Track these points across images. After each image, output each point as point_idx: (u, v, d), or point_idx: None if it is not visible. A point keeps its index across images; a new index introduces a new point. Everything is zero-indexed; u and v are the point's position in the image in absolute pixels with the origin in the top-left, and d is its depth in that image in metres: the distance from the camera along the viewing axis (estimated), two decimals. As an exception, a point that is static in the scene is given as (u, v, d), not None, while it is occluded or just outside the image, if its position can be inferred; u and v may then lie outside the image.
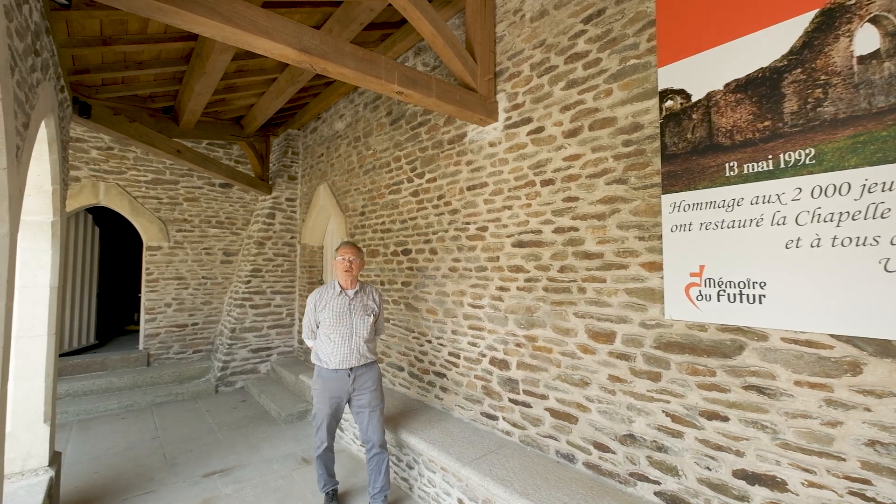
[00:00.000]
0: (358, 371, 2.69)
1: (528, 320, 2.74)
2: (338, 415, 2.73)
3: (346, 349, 2.65)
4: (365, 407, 2.69)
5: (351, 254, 2.76)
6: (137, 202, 5.61)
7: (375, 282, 4.34)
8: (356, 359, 2.67)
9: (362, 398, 2.69)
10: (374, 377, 2.75)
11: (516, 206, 2.86)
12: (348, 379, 2.66)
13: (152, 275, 5.75)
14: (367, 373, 2.73)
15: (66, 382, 4.85)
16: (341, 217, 5.01)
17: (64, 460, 3.58)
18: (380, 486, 2.69)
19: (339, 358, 2.63)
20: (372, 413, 2.70)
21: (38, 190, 2.39)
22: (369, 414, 2.69)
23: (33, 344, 2.49)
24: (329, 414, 2.67)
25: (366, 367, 2.74)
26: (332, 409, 2.68)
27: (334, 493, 2.86)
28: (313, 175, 5.77)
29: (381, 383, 2.84)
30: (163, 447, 3.86)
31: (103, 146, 5.39)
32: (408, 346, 3.85)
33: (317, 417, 2.71)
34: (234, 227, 6.40)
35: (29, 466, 2.47)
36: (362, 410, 2.70)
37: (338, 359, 2.63)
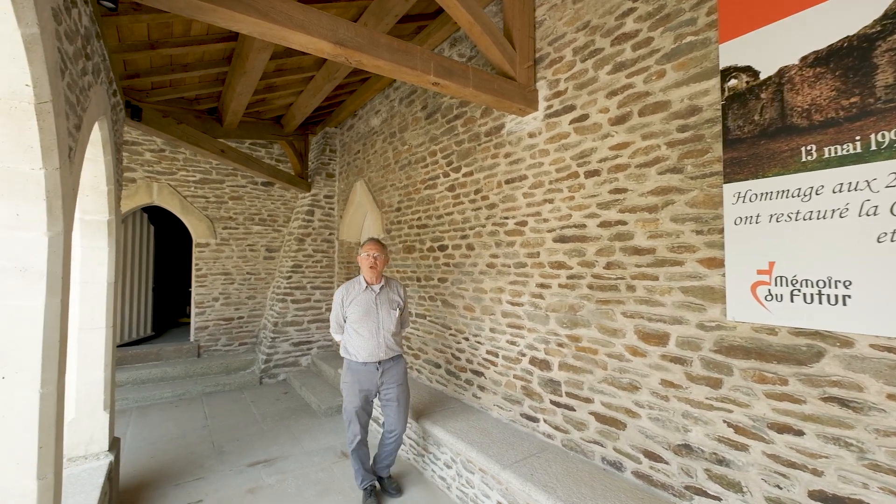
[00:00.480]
0: (386, 364, 2.75)
1: (571, 319, 2.61)
2: (368, 407, 2.78)
3: (374, 343, 2.70)
4: (393, 400, 2.78)
5: (376, 250, 2.79)
6: (187, 201, 5.89)
7: (412, 278, 4.32)
8: (384, 352, 2.73)
9: (391, 392, 2.77)
10: (401, 371, 2.82)
11: (558, 199, 2.72)
12: (377, 372, 2.72)
13: (201, 270, 6.02)
14: (395, 366, 2.80)
15: (125, 371, 5.19)
16: (377, 213, 5.02)
17: (124, 445, 3.81)
18: (390, 461, 2.93)
19: (367, 351, 2.69)
20: (399, 406, 2.79)
21: (95, 190, 2.51)
22: (397, 407, 2.79)
23: (93, 336, 2.64)
24: (359, 406, 2.72)
25: (393, 360, 2.80)
26: (361, 402, 2.73)
27: (373, 489, 2.86)
28: (350, 172, 5.82)
29: (408, 377, 2.91)
30: (211, 435, 4.04)
31: (156, 148, 5.68)
32: (444, 344, 3.80)
33: (347, 411, 2.75)
34: (276, 224, 6.59)
35: (91, 451, 2.62)
36: (390, 403, 2.79)
37: (366, 352, 2.69)
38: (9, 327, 1.33)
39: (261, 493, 3.02)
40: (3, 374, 1.32)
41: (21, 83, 1.17)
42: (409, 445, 3.43)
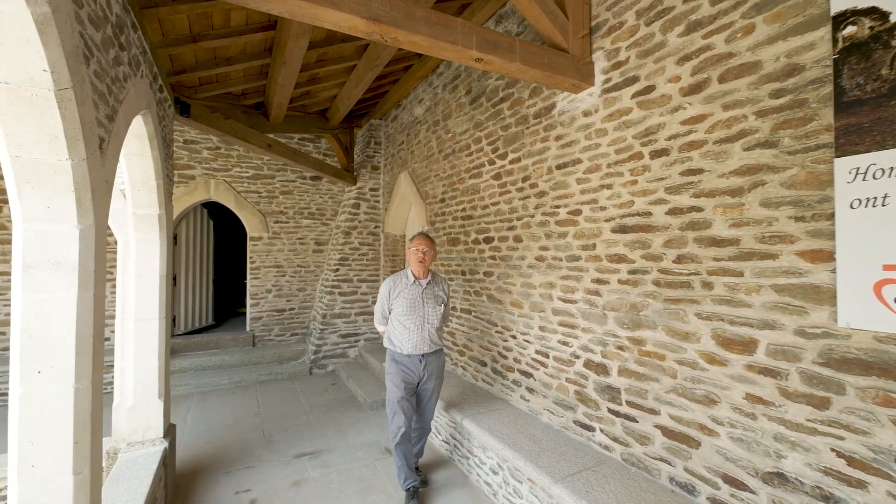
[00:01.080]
0: (428, 357, 2.80)
1: (632, 320, 2.32)
2: (412, 399, 2.80)
3: (419, 336, 2.73)
4: (429, 391, 2.86)
5: (425, 245, 2.80)
6: (241, 196, 6.11)
7: (456, 271, 4.15)
8: (428, 345, 2.77)
9: (429, 383, 2.83)
10: (440, 364, 2.89)
11: (617, 184, 2.42)
12: (420, 364, 2.77)
13: (255, 263, 6.25)
14: (436, 360, 2.85)
15: (188, 358, 5.50)
16: (421, 205, 4.90)
17: (184, 429, 4.01)
18: (417, 451, 2.96)
19: (412, 344, 2.73)
20: (432, 396, 2.88)
21: (145, 185, 2.57)
22: (430, 397, 2.88)
23: (148, 326, 2.73)
24: (403, 397, 2.73)
25: (434, 354, 2.84)
26: (405, 392, 2.75)
27: (415, 491, 2.76)
28: (394, 164, 5.75)
29: (444, 370, 2.99)
30: (263, 424, 4.14)
31: (212, 146, 5.93)
32: (490, 341, 3.60)
33: (391, 402, 2.75)
34: (324, 218, 6.70)
35: (148, 437, 2.73)
36: (425, 393, 2.87)
37: (411, 345, 2.73)
38: (44, 321, 1.31)
39: (305, 486, 3.01)
40: (39, 369, 1.30)
41: (38, 68, 1.11)
42: (453, 445, 3.30)
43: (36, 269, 1.30)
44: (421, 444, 2.99)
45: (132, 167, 2.47)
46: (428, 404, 2.89)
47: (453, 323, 4.20)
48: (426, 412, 2.91)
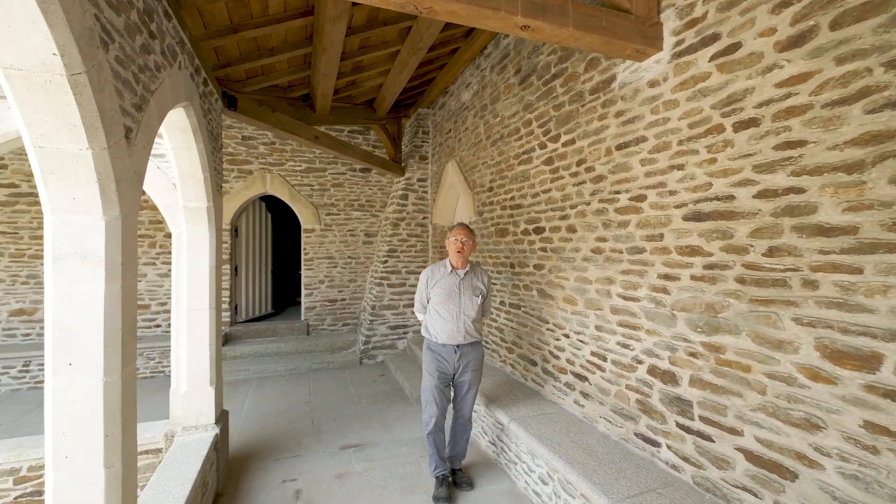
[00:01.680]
0: (464, 349, 2.76)
1: (708, 323, 1.98)
2: (446, 389, 2.79)
3: (454, 326, 2.71)
4: (465, 383, 2.79)
5: (464, 235, 2.77)
6: (295, 189, 6.28)
7: (505, 264, 3.93)
8: (463, 336, 2.73)
9: (465, 375, 2.78)
10: (478, 356, 2.81)
11: (691, 164, 2.07)
12: (455, 354, 2.74)
13: (308, 254, 6.42)
14: (473, 351, 2.79)
15: (248, 345, 5.78)
16: (469, 194, 4.70)
17: (241, 413, 4.19)
18: (459, 451, 2.88)
19: (446, 334, 2.71)
20: (469, 390, 2.80)
21: (193, 178, 2.62)
22: (467, 390, 2.80)
23: (199, 316, 2.81)
24: (436, 386, 2.74)
25: (471, 345, 2.79)
26: (439, 381, 2.74)
27: (445, 478, 2.79)
28: (442, 153, 5.59)
29: (483, 362, 2.91)
30: (312, 412, 4.22)
31: (268, 141, 6.14)
32: (541, 339, 3.35)
33: (425, 390, 2.77)
34: (374, 210, 6.72)
35: (201, 422, 2.82)
36: (462, 385, 2.80)
37: (445, 335, 2.71)
38: (73, 313, 1.30)
39: (349, 480, 2.99)
40: (70, 361, 1.30)
41: (48, 52, 1.06)
42: (499, 448, 3.11)
43: (65, 260, 1.29)
44: (463, 442, 2.89)
45: (180, 160, 2.52)
46: (465, 398, 2.81)
47: (501, 318, 4.00)
48: (464, 407, 2.83)
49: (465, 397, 2.82)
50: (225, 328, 5.95)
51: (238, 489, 2.86)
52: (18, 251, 5.16)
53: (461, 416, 2.85)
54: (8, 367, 4.81)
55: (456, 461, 2.90)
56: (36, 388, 4.89)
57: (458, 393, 2.83)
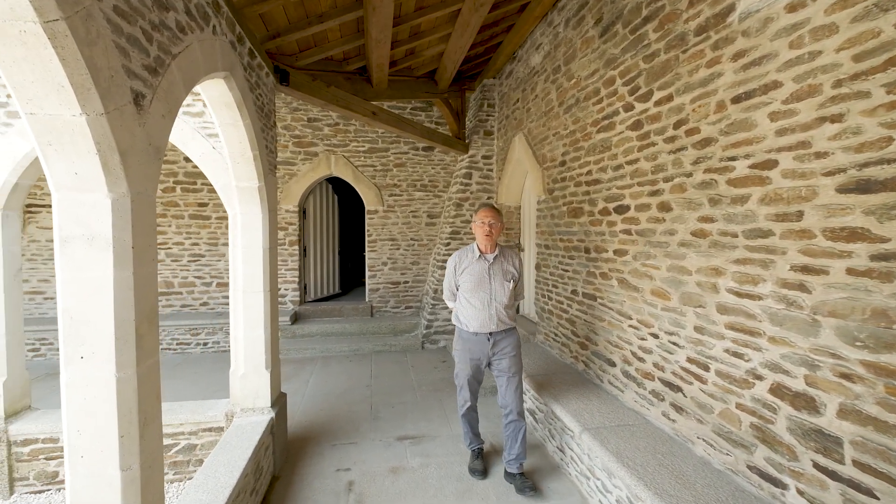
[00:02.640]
0: (497, 336, 2.64)
1: (876, 336, 1.41)
2: (478, 376, 2.74)
3: (486, 315, 2.60)
4: (504, 371, 2.66)
5: (491, 217, 2.63)
6: (358, 171, 6.23)
7: (578, 248, 3.45)
8: (495, 324, 2.61)
9: (502, 363, 2.66)
10: (513, 343, 2.69)
11: (855, 112, 1.47)
12: (488, 343, 2.63)
13: (371, 236, 6.38)
14: (507, 338, 2.67)
15: (315, 324, 5.93)
16: (538, 170, 4.23)
17: (305, 392, 4.25)
18: (516, 454, 2.65)
19: (478, 322, 2.60)
20: (511, 378, 2.66)
21: (243, 157, 2.52)
22: (508, 379, 2.66)
23: (254, 299, 2.76)
24: (469, 374, 2.69)
25: (505, 332, 2.67)
26: (472, 370, 2.68)
27: (480, 451, 2.88)
28: (509, 126, 5.13)
29: (521, 349, 2.77)
30: (372, 396, 4.16)
31: (332, 122, 6.11)
32: (622, 337, 2.87)
33: (459, 377, 2.75)
34: (437, 190, 6.48)
35: (258, 405, 2.81)
36: (501, 374, 2.68)
37: (477, 323, 2.60)
38: (82, 302, 1.17)
39: (402, 476, 2.82)
40: (81, 354, 1.18)
41: (14, -8, 0.87)
42: (569, 457, 2.74)
43: (72, 243, 1.16)
44: (521, 442, 2.64)
45: (229, 138, 2.42)
46: (509, 390, 2.64)
47: (573, 309, 3.55)
48: (512, 401, 2.64)
49: (508, 389, 2.64)
50: (295, 307, 6.16)
51: (294, 473, 2.83)
52: (120, 232, 5.71)
53: (511, 411, 2.63)
54: (114, 335, 5.37)
55: (516, 464, 2.65)
56: (136, 355, 5.44)
57: (499, 384, 2.68)
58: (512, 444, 2.63)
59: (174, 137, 2.69)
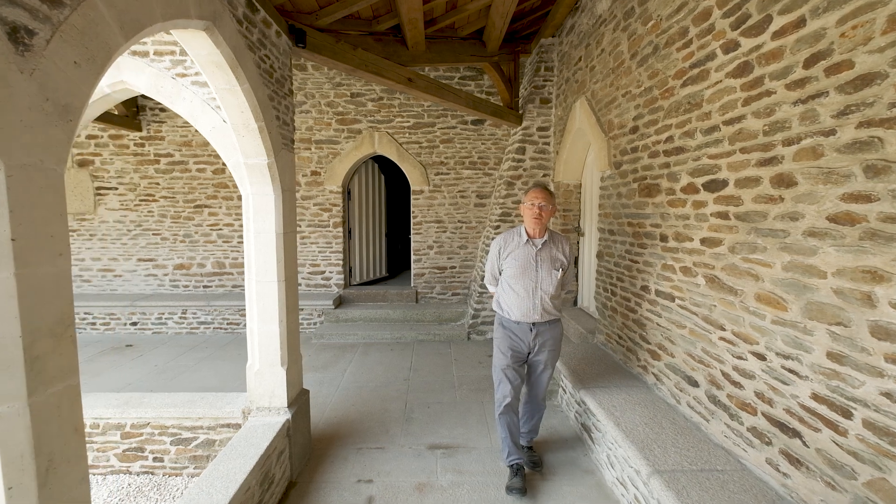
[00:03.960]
0: (541, 327, 2.47)
1: None
2: (520, 369, 2.55)
3: (530, 303, 2.42)
4: (541, 363, 2.54)
5: (542, 199, 2.41)
6: (402, 148, 5.84)
7: (651, 235, 2.79)
8: (539, 314, 2.44)
9: (541, 354, 2.52)
10: (556, 336, 2.54)
11: None
12: (530, 333, 2.47)
13: (417, 218, 6.02)
14: (550, 330, 2.51)
15: (359, 309, 5.74)
16: (602, 140, 3.54)
17: (340, 383, 4.04)
18: (528, 429, 2.70)
19: (521, 311, 2.43)
20: (545, 370, 2.57)
21: (247, 128, 2.20)
22: (542, 371, 2.57)
23: (268, 289, 2.50)
24: (509, 365, 2.49)
25: (549, 323, 2.50)
26: (512, 361, 2.49)
27: (520, 468, 2.49)
28: (569, 91, 4.42)
29: (562, 342, 2.62)
30: (408, 392, 3.85)
31: (375, 97, 5.75)
32: (709, 351, 2.23)
33: (496, 369, 2.54)
34: (487, 168, 5.93)
35: (273, 404, 2.58)
36: (537, 366, 2.56)
37: (520, 311, 2.44)
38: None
39: (429, 496, 2.46)
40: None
41: None
42: (632, 495, 2.20)
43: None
44: (537, 420, 2.70)
45: (227, 106, 2.10)
46: (540, 378, 2.58)
47: (643, 309, 2.91)
48: (538, 387, 2.60)
49: (539, 377, 2.58)
50: (339, 290, 6.03)
51: (311, 481, 2.58)
52: (176, 213, 5.87)
53: (535, 395, 2.63)
54: (172, 313, 5.59)
55: (527, 438, 2.72)
56: (192, 333, 5.62)
57: (532, 373, 2.59)
58: (527, 421, 2.68)
59: (184, 111, 2.44)
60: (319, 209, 5.89)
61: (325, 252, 5.95)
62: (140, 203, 5.83)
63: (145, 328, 5.57)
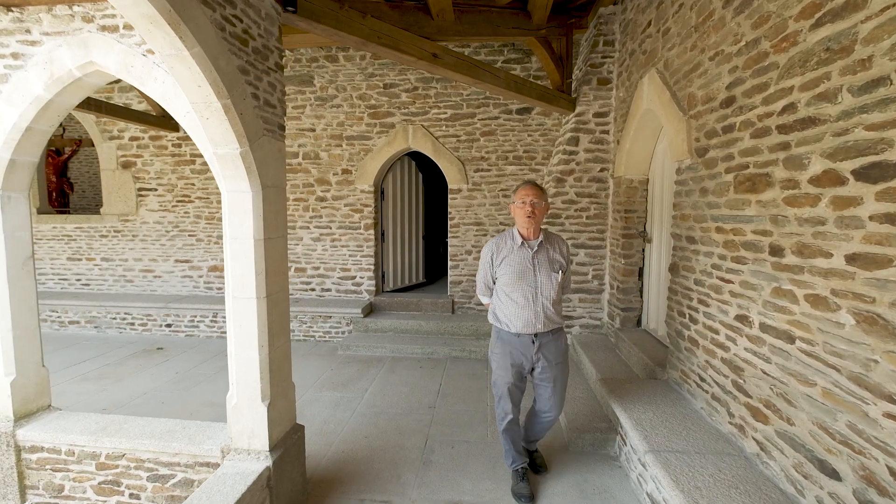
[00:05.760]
0: (543, 338, 2.27)
1: None
2: (521, 384, 2.39)
3: (531, 312, 2.23)
4: (548, 381, 2.31)
5: (534, 196, 2.22)
6: (439, 142, 5.30)
7: (751, 246, 2.00)
8: (542, 323, 2.23)
9: (547, 372, 2.29)
10: (560, 347, 2.33)
11: None
12: (532, 346, 2.26)
13: (454, 219, 5.46)
14: (554, 341, 2.30)
15: (389, 318, 5.28)
16: (679, 121, 2.76)
17: (357, 407, 3.57)
18: (536, 437, 2.59)
19: (522, 321, 2.23)
20: (555, 388, 2.33)
21: (208, 107, 1.75)
22: (552, 389, 2.32)
23: (244, 307, 2.05)
24: (510, 382, 2.33)
25: (552, 333, 2.30)
26: (513, 378, 2.32)
27: (525, 472, 2.46)
28: (634, 66, 3.63)
29: (568, 354, 2.41)
30: (431, 425, 3.28)
31: (409, 87, 5.27)
32: (859, 429, 1.44)
33: (497, 385, 2.40)
34: (534, 163, 5.23)
35: (253, 446, 2.13)
36: (545, 384, 2.32)
37: (521, 322, 2.23)
38: None
39: (437, 584, 1.88)
40: None
41: None
42: None
43: None
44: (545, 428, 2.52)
45: (182, 79, 1.66)
46: (553, 398, 2.34)
47: (739, 347, 2.12)
48: (550, 404, 2.36)
49: (553, 398, 2.34)
50: (370, 297, 5.61)
51: (295, 545, 2.10)
52: (210, 214, 5.77)
53: (549, 415, 2.40)
54: (203, 316, 5.48)
55: (531, 444, 2.63)
56: (221, 337, 5.46)
57: (540, 391, 2.36)
58: (539, 431, 2.53)
59: (156, 93, 2.05)
60: (350, 210, 5.51)
61: (355, 256, 5.56)
62: (177, 204, 5.79)
63: (178, 330, 5.50)
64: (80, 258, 6.03)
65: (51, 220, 6.04)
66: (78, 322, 5.64)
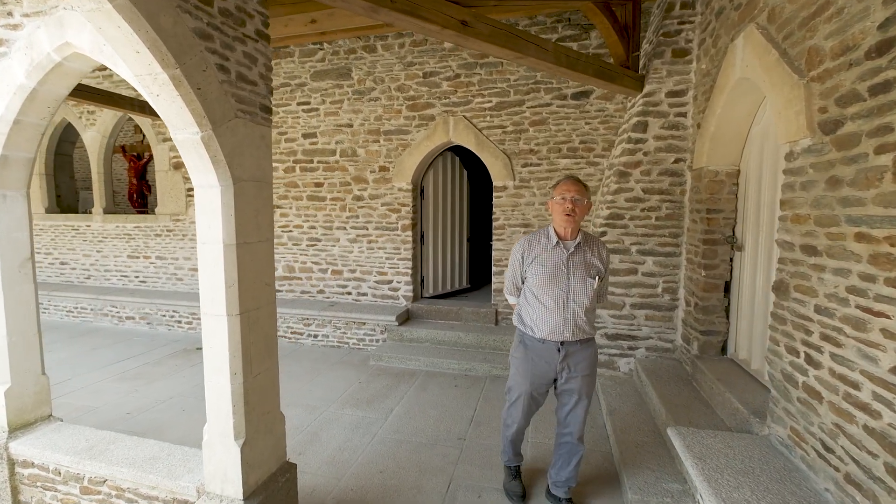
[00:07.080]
0: (571, 347, 2.09)
1: None
2: (540, 397, 2.22)
3: (560, 317, 2.05)
4: (573, 393, 2.13)
5: (575, 191, 2.05)
6: (482, 134, 4.78)
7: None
8: (571, 331, 2.06)
9: (572, 383, 2.12)
10: (589, 359, 2.14)
11: None
12: (557, 354, 2.09)
13: (498, 220, 4.91)
14: (582, 351, 2.12)
15: (426, 328, 4.85)
16: (794, 87, 2.01)
17: (377, 432, 3.17)
18: (565, 477, 2.22)
19: (549, 327, 2.06)
20: (579, 402, 2.14)
21: (155, 79, 1.40)
22: (576, 402, 2.15)
23: (215, 326, 1.70)
24: (528, 392, 2.16)
25: (581, 343, 2.11)
26: (532, 387, 2.15)
27: (517, 470, 2.41)
28: (722, 28, 2.87)
29: (597, 367, 2.20)
30: (459, 461, 2.79)
31: (450, 75, 4.80)
32: None
33: (512, 391, 2.24)
34: (592, 155, 4.53)
35: (226, 493, 1.78)
36: (570, 397, 2.15)
37: (548, 327, 2.07)
38: None
39: None
40: None
41: None
42: None
43: None
44: (573, 465, 2.18)
45: (115, 43, 1.32)
46: (575, 413, 2.14)
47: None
48: (573, 423, 2.15)
49: (574, 412, 2.14)
50: (407, 303, 5.23)
51: None
52: (252, 215, 5.71)
53: (571, 433, 2.16)
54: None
55: (564, 488, 2.23)
56: (259, 339, 5.36)
57: (563, 404, 2.16)
58: (563, 466, 2.22)
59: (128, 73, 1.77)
60: (388, 209, 5.16)
61: (392, 259, 5.21)
62: (222, 204, 5.81)
63: (219, 330, 5.50)
64: (138, 256, 6.29)
65: (113, 220, 6.36)
66: (133, 318, 5.86)
